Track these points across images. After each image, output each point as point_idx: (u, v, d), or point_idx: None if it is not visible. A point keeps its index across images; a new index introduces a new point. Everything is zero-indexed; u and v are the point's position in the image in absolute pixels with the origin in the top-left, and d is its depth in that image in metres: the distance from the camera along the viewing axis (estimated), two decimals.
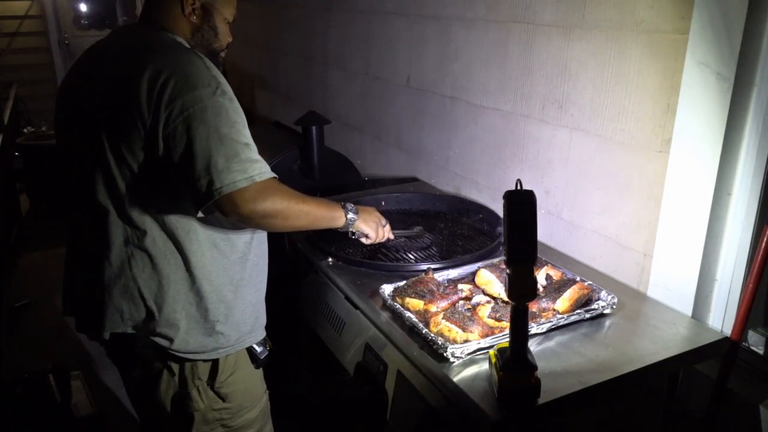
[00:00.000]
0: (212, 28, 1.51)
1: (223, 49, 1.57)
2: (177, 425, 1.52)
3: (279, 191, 1.35)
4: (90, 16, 7.29)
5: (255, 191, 1.28)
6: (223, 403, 1.53)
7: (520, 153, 2.10)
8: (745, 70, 1.41)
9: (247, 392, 1.59)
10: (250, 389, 1.61)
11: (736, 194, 1.51)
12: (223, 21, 1.54)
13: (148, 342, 1.43)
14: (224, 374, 1.52)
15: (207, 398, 1.51)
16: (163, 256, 1.40)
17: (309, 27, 3.58)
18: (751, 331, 1.59)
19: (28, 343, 3.24)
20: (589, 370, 1.31)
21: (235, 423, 1.57)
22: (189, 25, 1.48)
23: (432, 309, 1.48)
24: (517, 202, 1.15)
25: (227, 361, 1.52)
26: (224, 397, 1.53)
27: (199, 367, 1.49)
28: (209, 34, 1.51)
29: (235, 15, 1.58)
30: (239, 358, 1.56)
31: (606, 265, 1.83)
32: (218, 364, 1.50)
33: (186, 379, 1.48)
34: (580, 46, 1.80)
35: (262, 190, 1.30)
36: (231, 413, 1.56)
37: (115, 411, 2.47)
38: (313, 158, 2.64)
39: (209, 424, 1.53)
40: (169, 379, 1.48)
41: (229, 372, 1.53)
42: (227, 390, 1.53)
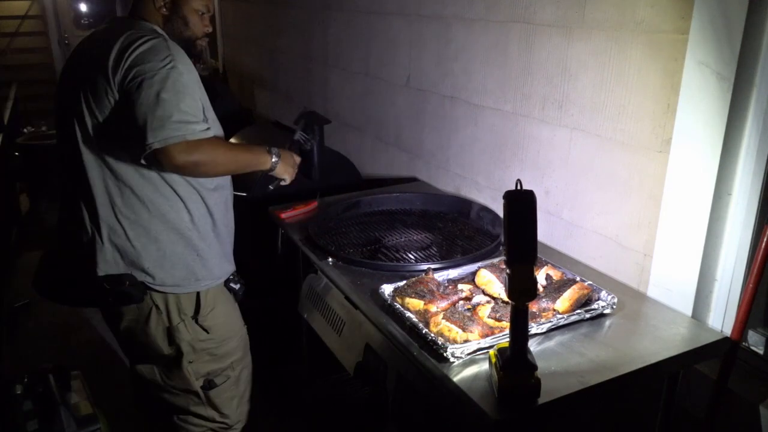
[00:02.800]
0: (182, 19, 1.74)
1: (197, 37, 1.79)
2: (169, 358, 1.76)
3: (207, 144, 1.57)
4: (90, 16, 7.29)
5: (185, 146, 1.51)
6: (207, 334, 1.78)
7: (520, 153, 2.10)
8: (745, 70, 1.41)
9: (227, 324, 1.85)
10: (229, 322, 1.87)
11: (736, 194, 1.51)
12: (194, 12, 1.75)
13: (135, 280, 1.67)
14: (206, 308, 1.77)
15: (193, 331, 1.76)
16: (143, 198, 1.64)
17: (309, 27, 3.58)
18: (751, 331, 1.59)
19: (28, 343, 3.24)
20: (589, 370, 1.31)
21: (219, 351, 1.83)
22: (161, 16, 1.72)
23: (432, 309, 1.48)
24: (517, 202, 1.15)
25: (207, 297, 1.77)
26: (207, 329, 1.78)
27: (183, 303, 1.73)
28: (179, 24, 1.74)
29: (209, 6, 1.79)
30: (218, 295, 1.81)
31: (606, 265, 1.83)
32: (200, 299, 1.75)
33: (172, 314, 1.72)
34: (580, 46, 1.80)
35: (192, 145, 1.53)
36: (216, 343, 1.81)
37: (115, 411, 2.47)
38: (313, 158, 2.64)
39: (197, 353, 1.78)
40: (158, 317, 1.72)
41: (210, 306, 1.78)
42: (210, 323, 1.78)
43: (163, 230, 1.67)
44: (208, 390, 1.83)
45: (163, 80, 1.51)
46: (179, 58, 1.58)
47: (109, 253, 1.66)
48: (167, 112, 1.49)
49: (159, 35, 1.63)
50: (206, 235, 1.75)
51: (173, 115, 1.50)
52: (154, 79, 1.51)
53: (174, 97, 1.51)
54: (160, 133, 1.48)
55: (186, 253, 1.71)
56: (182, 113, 1.51)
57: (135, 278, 1.67)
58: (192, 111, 1.54)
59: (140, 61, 1.54)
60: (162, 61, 1.54)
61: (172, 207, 1.68)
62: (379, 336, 1.57)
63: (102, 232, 1.65)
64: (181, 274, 1.71)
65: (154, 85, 1.50)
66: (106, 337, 3.18)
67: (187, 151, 1.52)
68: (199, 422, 1.87)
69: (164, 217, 1.67)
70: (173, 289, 1.70)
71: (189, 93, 1.56)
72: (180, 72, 1.55)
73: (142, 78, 1.51)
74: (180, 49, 1.64)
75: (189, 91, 1.56)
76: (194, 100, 1.57)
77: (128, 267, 1.67)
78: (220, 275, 1.82)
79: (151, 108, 1.49)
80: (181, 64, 1.57)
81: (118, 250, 1.66)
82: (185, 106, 1.53)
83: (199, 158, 1.54)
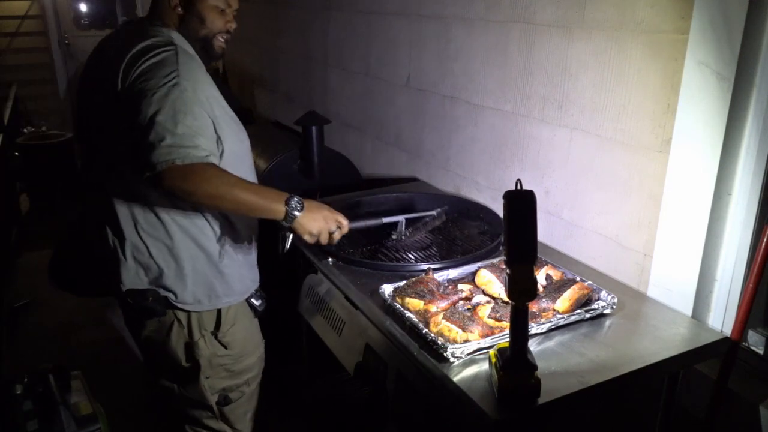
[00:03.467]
0: (197, 16, 1.64)
1: (213, 35, 1.67)
2: (187, 371, 1.71)
3: (204, 173, 1.42)
4: (90, 16, 7.28)
5: (175, 171, 1.39)
6: (225, 350, 1.73)
7: (520, 153, 2.10)
8: (745, 70, 1.41)
9: (247, 340, 1.80)
10: (249, 337, 1.81)
11: (736, 194, 1.51)
12: (212, 8, 1.65)
13: (158, 296, 1.63)
14: (226, 325, 1.72)
15: (212, 346, 1.71)
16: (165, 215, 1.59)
17: (309, 27, 3.58)
18: (751, 331, 1.59)
19: (28, 343, 3.24)
20: (589, 370, 1.31)
21: (236, 368, 1.78)
22: (176, 16, 1.64)
23: (432, 309, 1.48)
24: (517, 202, 1.15)
25: (228, 313, 1.72)
26: (226, 345, 1.73)
27: (205, 319, 1.69)
28: (194, 22, 1.64)
29: (229, 2, 1.68)
30: (239, 310, 1.75)
31: (606, 265, 1.83)
32: (221, 315, 1.71)
33: (193, 329, 1.68)
34: (580, 46, 1.80)
35: (185, 170, 1.40)
36: (233, 359, 1.76)
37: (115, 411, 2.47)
38: (313, 158, 2.64)
39: (214, 369, 1.73)
40: (179, 331, 1.67)
41: (231, 323, 1.73)
42: (229, 339, 1.73)
43: (184, 247, 1.62)
44: (223, 406, 1.79)
45: (161, 99, 1.43)
46: (186, 73, 1.49)
47: (132, 269, 1.63)
48: (159, 135, 1.40)
49: (173, 47, 1.53)
50: (229, 250, 1.68)
51: (165, 139, 1.40)
52: (153, 98, 1.43)
53: (171, 119, 1.42)
54: (150, 158, 1.40)
55: (207, 271, 1.66)
56: (176, 136, 1.41)
57: (158, 293, 1.63)
58: (191, 133, 1.43)
59: (145, 75, 1.47)
60: (165, 78, 1.45)
61: (193, 223, 1.61)
62: (379, 336, 1.57)
63: (125, 249, 1.61)
64: (203, 291, 1.66)
65: (151, 104, 1.42)
66: (107, 336, 3.19)
67: (177, 177, 1.40)
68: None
69: (186, 233, 1.61)
70: (194, 306, 1.66)
71: (191, 112, 1.45)
72: (182, 89, 1.45)
73: (143, 95, 1.44)
74: (193, 60, 1.56)
75: (191, 110, 1.45)
76: (196, 119, 1.46)
77: (151, 283, 1.64)
78: (242, 291, 1.76)
79: (145, 131, 1.41)
80: (186, 80, 1.47)
81: (142, 266, 1.63)
82: (182, 128, 1.42)
83: (189, 186, 1.41)
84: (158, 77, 1.46)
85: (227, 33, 1.70)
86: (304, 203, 1.53)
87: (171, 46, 1.53)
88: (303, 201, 1.54)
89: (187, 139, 1.42)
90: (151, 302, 1.63)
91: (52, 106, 6.86)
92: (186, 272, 1.63)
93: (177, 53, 1.52)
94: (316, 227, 1.57)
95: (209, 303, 1.68)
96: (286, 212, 1.51)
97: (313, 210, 1.57)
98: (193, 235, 1.62)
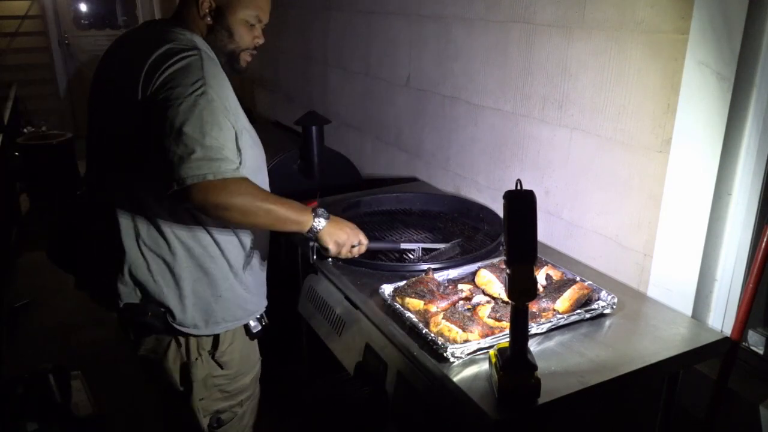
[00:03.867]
0: (226, 30, 1.58)
1: (241, 50, 1.62)
2: (181, 392, 1.66)
3: (238, 188, 1.40)
4: (90, 16, 7.29)
5: (207, 186, 1.35)
6: (221, 370, 1.68)
7: (520, 153, 2.10)
8: (745, 70, 1.41)
9: (243, 360, 1.74)
10: (245, 357, 1.75)
11: (736, 194, 1.51)
12: (242, 23, 1.59)
13: (158, 313, 1.56)
14: (224, 345, 1.66)
15: (209, 366, 1.65)
16: (169, 236, 1.53)
17: (309, 27, 3.58)
18: (751, 331, 1.59)
19: (28, 343, 3.24)
20: (589, 370, 1.31)
21: (231, 388, 1.73)
22: (205, 26, 1.57)
23: (432, 309, 1.48)
24: (517, 201, 1.15)
25: (226, 333, 1.65)
26: (223, 365, 1.68)
27: (203, 339, 1.63)
28: (223, 35, 1.58)
29: (260, 17, 1.62)
30: (237, 330, 1.69)
31: (606, 265, 1.83)
32: (219, 336, 1.64)
33: (191, 350, 1.62)
34: (580, 46, 1.80)
35: (216, 186, 1.36)
36: (228, 379, 1.71)
37: (115, 411, 2.47)
38: (313, 158, 2.64)
39: (208, 390, 1.68)
40: (176, 350, 1.62)
41: (228, 342, 1.67)
42: (226, 359, 1.67)
43: (185, 266, 1.55)
44: (216, 428, 1.73)
45: (189, 110, 1.37)
46: (212, 82, 1.42)
47: (129, 285, 1.56)
48: (189, 148, 1.34)
49: (197, 51, 1.46)
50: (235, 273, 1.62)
51: (195, 152, 1.35)
52: (180, 108, 1.36)
53: (198, 130, 1.36)
54: (180, 172, 1.34)
55: (208, 294, 1.59)
56: (206, 149, 1.36)
57: (158, 310, 1.57)
58: (218, 145, 1.38)
59: (171, 82, 1.40)
60: (192, 86, 1.39)
61: (197, 242, 1.55)
62: (379, 336, 1.57)
63: (124, 264, 1.54)
64: (200, 316, 1.59)
65: (179, 115, 1.36)
66: (107, 336, 3.19)
67: (209, 192, 1.36)
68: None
69: (189, 251, 1.55)
70: (191, 330, 1.59)
71: (217, 123, 1.40)
72: (210, 99, 1.39)
73: (169, 105, 1.37)
74: (217, 66, 1.49)
75: (218, 120, 1.40)
76: (222, 130, 1.41)
77: (148, 299, 1.56)
78: (242, 317, 1.67)
79: (174, 143, 1.35)
80: (213, 89, 1.41)
81: (140, 283, 1.55)
82: (210, 140, 1.37)
83: (222, 201, 1.37)
84: (184, 85, 1.39)
85: (254, 49, 1.66)
86: (329, 215, 1.59)
87: (195, 51, 1.46)
88: (328, 213, 1.59)
89: (216, 152, 1.38)
90: (150, 318, 1.57)
91: (52, 106, 6.88)
92: (185, 293, 1.56)
93: (202, 59, 1.45)
94: (342, 238, 1.62)
95: (206, 328, 1.60)
96: (312, 224, 1.55)
97: (338, 222, 1.63)
98: (196, 254, 1.55)
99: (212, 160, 1.37)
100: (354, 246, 1.68)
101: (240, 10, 1.57)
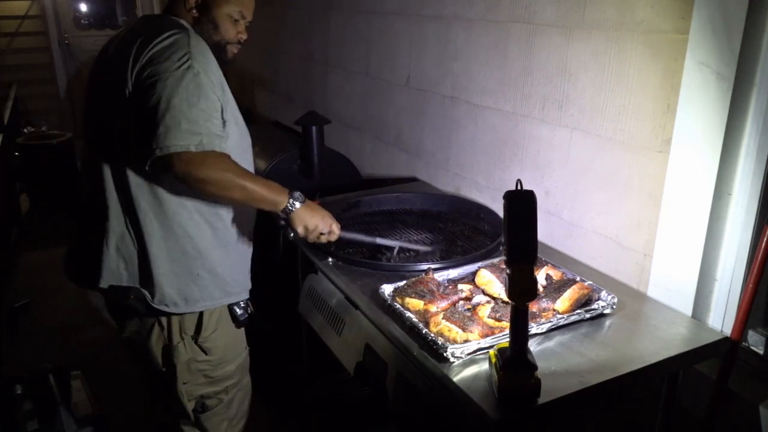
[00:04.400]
0: (211, 22, 1.66)
1: (227, 42, 1.70)
2: (166, 374, 1.70)
3: (218, 163, 1.46)
4: (90, 16, 7.28)
5: (189, 157, 1.42)
6: (205, 356, 1.72)
7: (520, 153, 2.10)
8: (745, 70, 1.41)
9: (228, 348, 1.77)
10: (230, 345, 1.78)
11: (736, 194, 1.51)
12: (226, 17, 1.67)
13: (139, 295, 1.61)
14: (207, 330, 1.70)
15: (191, 351, 1.69)
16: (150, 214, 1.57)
17: (309, 27, 3.58)
18: (751, 331, 1.59)
19: (28, 343, 3.24)
20: (589, 370, 1.31)
21: (215, 374, 1.76)
22: (191, 18, 1.66)
23: (432, 309, 1.48)
24: (517, 202, 1.15)
25: (211, 318, 1.70)
26: (207, 350, 1.71)
27: (186, 322, 1.67)
28: (208, 27, 1.66)
29: (243, 13, 1.70)
30: (221, 316, 1.73)
31: (606, 265, 1.83)
32: (202, 320, 1.68)
33: (173, 333, 1.66)
34: (580, 46, 1.80)
35: (199, 158, 1.43)
36: (212, 365, 1.74)
37: (115, 411, 2.47)
38: (313, 158, 2.64)
39: (193, 374, 1.71)
40: (159, 333, 1.67)
41: (212, 329, 1.71)
42: (210, 344, 1.71)
43: (162, 245, 1.59)
44: (200, 413, 1.77)
45: (176, 83, 1.44)
46: (198, 57, 1.50)
47: (113, 261, 1.60)
48: (175, 119, 1.41)
49: (184, 30, 1.55)
50: (214, 254, 1.66)
51: (181, 123, 1.41)
52: (167, 82, 1.43)
53: (185, 102, 1.43)
54: (164, 140, 1.40)
55: (185, 272, 1.62)
56: (191, 122, 1.42)
57: (140, 292, 1.61)
58: (204, 117, 1.45)
59: (158, 58, 1.47)
60: (178, 61, 1.46)
61: (178, 220, 1.59)
62: (379, 336, 1.57)
63: (110, 239, 1.59)
64: (178, 293, 1.62)
65: (166, 88, 1.43)
66: (107, 337, 3.18)
67: (191, 163, 1.42)
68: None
69: (169, 230, 1.59)
70: (170, 309, 1.62)
71: (204, 95, 1.47)
72: (196, 72, 1.47)
73: (156, 79, 1.44)
74: (203, 44, 1.57)
75: (204, 93, 1.47)
76: (209, 102, 1.48)
77: (131, 279, 1.61)
78: (222, 297, 1.71)
79: (160, 114, 1.41)
80: (199, 63, 1.49)
81: (124, 259, 1.60)
82: (197, 113, 1.44)
83: (203, 173, 1.43)
84: (171, 60, 1.46)
85: (238, 43, 1.73)
86: (305, 199, 1.62)
87: (182, 29, 1.55)
88: (305, 197, 1.62)
89: (201, 126, 1.44)
90: (132, 300, 1.61)
91: (52, 106, 6.87)
92: (161, 271, 1.59)
93: (189, 35, 1.53)
94: (311, 223, 1.63)
95: (186, 306, 1.64)
96: (287, 204, 1.58)
97: (312, 207, 1.64)
98: (175, 233, 1.60)
99: (196, 133, 1.43)
100: (323, 234, 1.68)
101: (224, 5, 1.66)
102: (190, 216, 1.60)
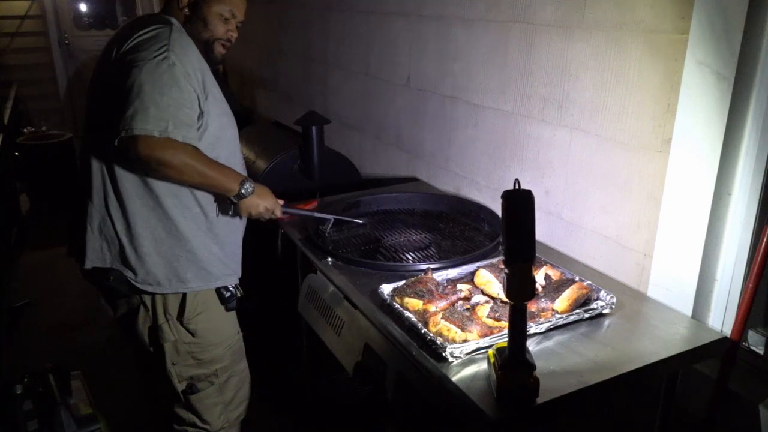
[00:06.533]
0: (201, 20, 1.72)
1: (215, 39, 1.76)
2: (155, 355, 1.76)
3: (179, 148, 1.52)
4: (90, 16, 7.29)
5: (152, 142, 1.49)
6: (192, 338, 1.76)
7: (520, 153, 2.10)
8: (745, 70, 1.41)
9: (215, 331, 1.81)
10: (218, 328, 1.82)
11: (736, 194, 1.51)
12: (216, 15, 1.73)
13: (121, 276, 1.67)
14: (192, 312, 1.74)
15: (177, 332, 1.74)
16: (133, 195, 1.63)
17: (309, 27, 3.58)
18: (751, 331, 1.59)
19: (28, 343, 3.24)
20: (588, 369, 1.31)
21: (204, 356, 1.80)
22: (182, 16, 1.73)
23: (431, 309, 1.48)
24: (516, 201, 1.15)
25: (195, 300, 1.74)
26: (193, 332, 1.76)
27: (169, 304, 1.72)
28: (198, 25, 1.73)
29: (234, 12, 1.76)
30: (209, 299, 1.77)
31: (606, 265, 1.83)
32: (185, 302, 1.72)
33: (158, 313, 1.72)
34: (580, 46, 1.80)
35: (161, 142, 1.49)
36: (200, 347, 1.78)
37: (115, 411, 2.47)
38: (313, 158, 2.64)
39: (180, 355, 1.76)
40: (145, 314, 1.72)
41: (198, 311, 1.75)
42: (195, 327, 1.75)
43: (146, 225, 1.65)
44: (190, 394, 1.81)
45: (151, 71, 1.51)
46: (177, 49, 1.57)
47: (97, 243, 1.67)
48: (145, 104, 1.48)
49: (168, 24, 1.63)
50: (200, 237, 1.71)
51: (149, 109, 1.48)
52: (143, 69, 1.51)
53: (157, 90, 1.50)
54: (130, 123, 1.47)
55: (169, 253, 1.68)
56: (160, 109, 1.49)
57: (121, 273, 1.67)
58: (174, 107, 1.52)
59: (138, 48, 1.56)
60: (156, 51, 1.54)
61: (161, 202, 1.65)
62: (378, 336, 1.57)
63: (93, 221, 1.66)
64: (162, 273, 1.68)
65: (141, 74, 1.50)
66: (107, 337, 3.19)
67: (153, 147, 1.49)
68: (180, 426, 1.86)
69: (151, 211, 1.65)
70: (154, 288, 1.68)
71: (177, 85, 1.53)
72: (171, 63, 1.54)
73: (134, 66, 1.52)
74: (186, 39, 1.64)
75: (177, 83, 1.54)
76: (182, 92, 1.54)
77: (114, 261, 1.67)
78: (208, 279, 1.75)
79: (132, 98, 1.49)
80: (176, 55, 1.55)
81: (106, 241, 1.67)
82: (166, 102, 1.50)
83: (163, 158, 1.50)
84: (150, 50, 1.54)
85: (228, 41, 1.78)
86: (255, 188, 1.71)
87: (166, 24, 1.63)
88: (255, 186, 1.72)
89: (170, 114, 1.51)
90: (113, 281, 1.67)
91: (52, 106, 6.87)
92: (145, 251, 1.65)
93: (171, 30, 1.61)
94: (255, 211, 1.75)
95: (170, 286, 1.69)
96: (238, 192, 1.67)
97: (260, 197, 1.74)
98: (158, 214, 1.65)
99: (162, 119, 1.50)
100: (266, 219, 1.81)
101: (215, 4, 1.72)
102: (174, 198, 1.66)
